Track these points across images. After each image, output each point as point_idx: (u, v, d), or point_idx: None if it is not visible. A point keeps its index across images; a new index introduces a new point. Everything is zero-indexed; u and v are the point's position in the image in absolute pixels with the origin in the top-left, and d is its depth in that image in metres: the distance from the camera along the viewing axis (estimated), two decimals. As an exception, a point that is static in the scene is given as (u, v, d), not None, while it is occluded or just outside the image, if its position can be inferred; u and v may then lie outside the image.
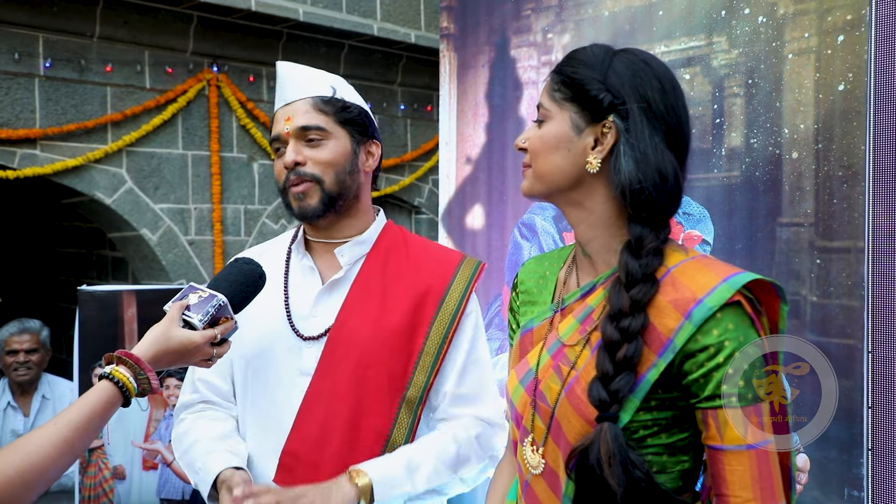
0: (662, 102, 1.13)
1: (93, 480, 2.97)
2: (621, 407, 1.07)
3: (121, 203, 5.15)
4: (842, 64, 1.91)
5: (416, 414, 1.55)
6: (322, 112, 1.56)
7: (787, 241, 2.00)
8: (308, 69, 1.63)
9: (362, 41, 6.07)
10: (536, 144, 1.18)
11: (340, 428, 1.51)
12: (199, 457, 1.55)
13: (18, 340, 3.73)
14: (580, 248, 1.22)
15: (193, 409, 1.66)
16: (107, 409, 1.22)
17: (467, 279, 1.61)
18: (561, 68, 1.19)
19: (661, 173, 1.10)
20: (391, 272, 1.60)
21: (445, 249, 1.75)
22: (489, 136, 2.75)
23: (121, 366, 1.25)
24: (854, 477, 1.86)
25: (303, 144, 1.55)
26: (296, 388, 1.54)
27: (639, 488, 1.04)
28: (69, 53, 4.92)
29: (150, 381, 1.26)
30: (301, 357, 1.56)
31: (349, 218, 1.61)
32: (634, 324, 1.07)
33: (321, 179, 1.55)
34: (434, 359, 1.55)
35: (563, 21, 2.53)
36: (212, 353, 1.35)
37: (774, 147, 2.03)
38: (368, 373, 1.52)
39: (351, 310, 1.56)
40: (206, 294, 1.35)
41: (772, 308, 1.11)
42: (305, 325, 1.57)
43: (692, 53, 2.20)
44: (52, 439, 1.15)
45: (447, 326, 1.56)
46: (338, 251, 1.60)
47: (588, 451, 1.06)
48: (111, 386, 1.23)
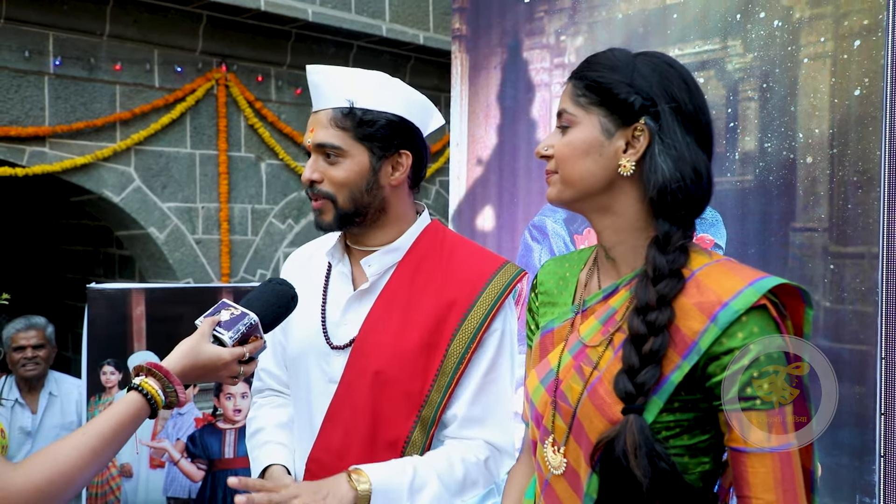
0: (691, 103, 1.14)
1: (99, 478, 2.97)
2: (647, 399, 1.07)
3: (128, 201, 5.16)
4: (858, 69, 1.91)
5: (428, 435, 1.52)
6: (339, 128, 1.51)
7: (801, 245, 2.00)
8: (333, 73, 1.57)
9: (371, 42, 6.07)
10: (565, 151, 1.17)
11: (359, 439, 1.51)
12: (256, 447, 1.64)
13: (25, 336, 3.75)
14: (603, 251, 1.22)
15: (264, 394, 1.76)
16: (134, 421, 1.24)
17: (498, 292, 1.54)
18: (583, 73, 1.18)
19: (697, 171, 1.12)
20: (419, 283, 1.56)
21: (486, 256, 1.65)
22: (500, 138, 2.74)
23: (150, 378, 1.26)
24: (866, 483, 1.86)
25: (322, 159, 1.53)
26: (325, 395, 1.55)
27: (664, 480, 1.05)
28: (79, 52, 4.93)
29: (178, 394, 1.28)
30: (330, 365, 1.56)
31: (377, 229, 1.58)
32: (661, 318, 1.07)
33: (335, 198, 1.52)
34: (449, 379, 1.51)
35: (576, 23, 2.52)
36: (238, 371, 1.36)
37: (789, 151, 2.02)
38: (386, 388, 1.51)
39: (374, 322, 1.54)
40: (239, 312, 1.36)
41: (796, 312, 1.11)
42: (336, 331, 1.57)
43: (706, 57, 2.19)
44: (80, 449, 1.16)
45: (466, 345, 1.51)
46: (364, 261, 1.58)
47: (614, 443, 1.07)
48: (140, 398, 1.24)
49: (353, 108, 1.51)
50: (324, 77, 1.56)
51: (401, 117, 1.54)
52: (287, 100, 5.82)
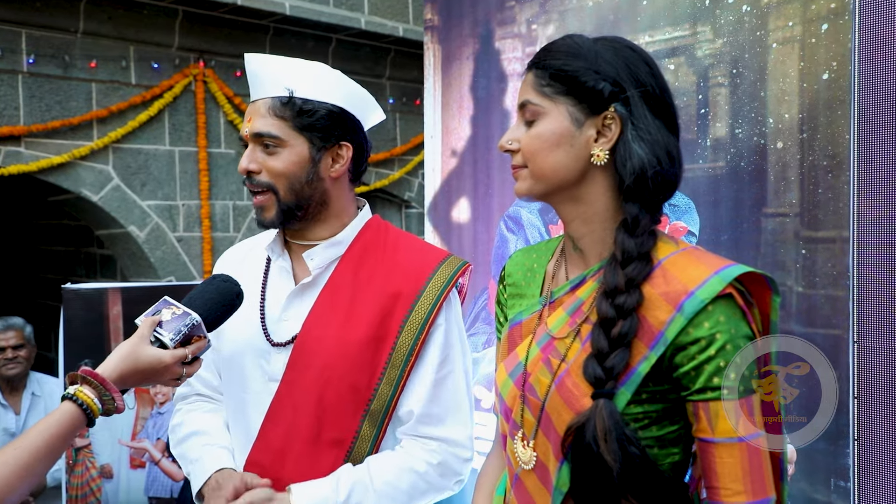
0: (657, 86, 1.14)
1: (80, 480, 2.96)
2: (617, 384, 1.07)
3: (108, 200, 5.12)
4: (826, 52, 1.90)
5: (380, 427, 1.50)
6: (278, 117, 1.48)
7: (773, 231, 1.99)
8: (271, 62, 1.53)
9: (350, 35, 6.04)
10: (533, 144, 1.15)
11: (302, 440, 1.47)
12: (194, 448, 1.56)
13: (4, 337, 3.77)
14: (571, 242, 1.21)
15: (188, 400, 1.67)
16: (70, 432, 1.19)
17: (443, 284, 1.52)
18: (545, 62, 1.16)
19: (671, 154, 1.12)
20: (363, 276, 1.53)
21: (429, 249, 1.65)
22: (474, 129, 2.73)
23: (85, 386, 1.21)
24: (840, 467, 1.86)
25: (260, 149, 1.50)
26: (265, 394, 1.51)
27: (634, 465, 1.05)
28: (53, 49, 4.89)
29: (116, 402, 1.22)
30: (270, 363, 1.52)
31: (318, 223, 1.55)
32: (630, 301, 1.07)
33: (275, 189, 1.48)
34: (400, 372, 1.49)
35: (547, 12, 2.51)
36: (181, 373, 1.31)
37: (759, 137, 2.01)
38: (330, 384, 1.47)
39: (317, 317, 1.51)
40: (181, 311, 1.31)
41: (763, 300, 1.11)
42: (276, 328, 1.53)
43: (676, 43, 2.18)
44: (10, 465, 1.12)
45: (415, 338, 1.49)
46: (306, 255, 1.54)
47: (584, 429, 1.06)
48: (75, 408, 1.19)
49: (293, 97, 1.48)
50: (262, 65, 1.53)
51: (341, 108, 1.51)
52: (266, 95, 5.80)
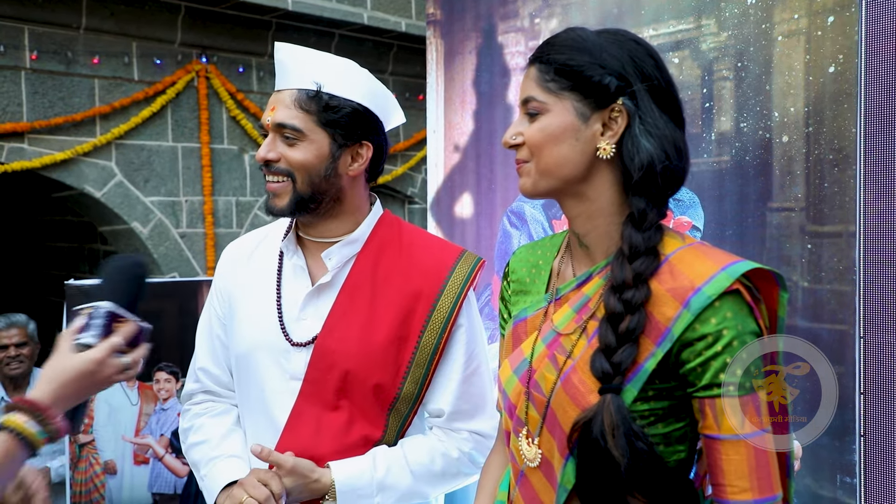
0: (663, 79, 1.13)
1: (84, 476, 2.96)
2: (624, 379, 1.06)
3: (111, 196, 5.12)
4: (832, 45, 1.88)
5: (406, 418, 1.54)
6: (303, 110, 1.47)
7: (778, 226, 1.98)
8: (301, 53, 1.53)
9: (353, 30, 6.03)
10: (539, 138, 1.14)
11: (332, 432, 1.49)
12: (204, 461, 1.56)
13: (7, 335, 3.75)
14: (576, 238, 1.20)
15: (195, 399, 1.67)
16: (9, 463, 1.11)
17: (461, 282, 1.54)
18: (548, 56, 1.15)
19: (678, 147, 1.12)
20: (381, 275, 1.53)
21: (443, 245, 1.65)
22: (477, 124, 2.71)
23: (17, 413, 1.13)
24: (846, 463, 1.85)
25: (280, 140, 1.49)
26: (287, 392, 1.52)
27: (642, 460, 1.04)
28: (56, 45, 4.88)
29: (54, 424, 1.15)
30: (290, 362, 1.53)
31: (331, 220, 1.55)
32: (637, 296, 1.07)
33: (294, 177, 1.48)
34: (425, 371, 1.51)
35: (550, 6, 2.49)
36: (123, 363, 1.24)
37: (764, 131, 2.00)
38: (356, 384, 1.49)
39: (338, 318, 1.51)
40: (91, 309, 1.27)
41: (771, 296, 1.10)
42: (295, 327, 1.53)
43: (681, 37, 2.17)
44: None
45: (438, 337, 1.51)
46: (325, 254, 1.54)
47: (591, 424, 1.06)
48: (9, 437, 1.11)
49: (320, 91, 1.47)
50: (291, 56, 1.52)
51: (366, 107, 1.51)
52: (269, 90, 5.78)
